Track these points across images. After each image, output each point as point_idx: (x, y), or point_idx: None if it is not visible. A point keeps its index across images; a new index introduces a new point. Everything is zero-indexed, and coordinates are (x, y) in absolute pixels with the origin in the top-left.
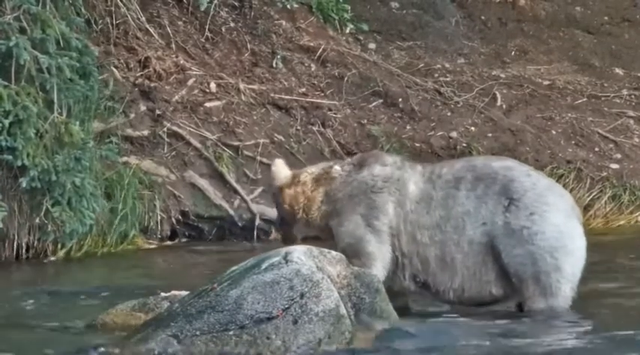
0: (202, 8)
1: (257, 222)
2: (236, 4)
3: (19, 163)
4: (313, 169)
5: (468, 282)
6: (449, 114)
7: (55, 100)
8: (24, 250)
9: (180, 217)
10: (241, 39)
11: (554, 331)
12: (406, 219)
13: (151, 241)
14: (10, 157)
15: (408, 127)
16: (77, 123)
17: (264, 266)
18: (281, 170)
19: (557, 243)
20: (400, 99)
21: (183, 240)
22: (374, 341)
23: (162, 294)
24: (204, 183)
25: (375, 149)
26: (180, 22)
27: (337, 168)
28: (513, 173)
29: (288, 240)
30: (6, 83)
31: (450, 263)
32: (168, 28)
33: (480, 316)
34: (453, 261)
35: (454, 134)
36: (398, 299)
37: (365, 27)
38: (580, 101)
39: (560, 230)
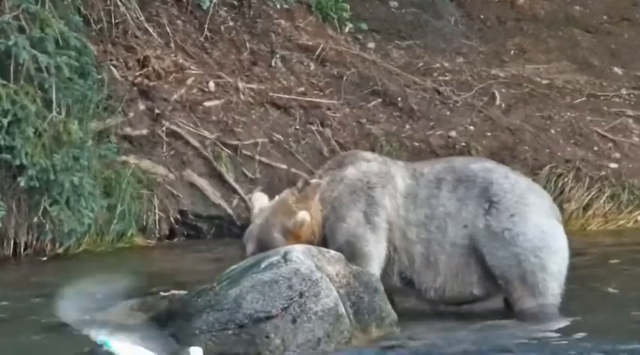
0: (205, 7)
1: None
2: (235, 3)
3: (18, 162)
4: (294, 193)
5: (450, 283)
6: (448, 113)
7: (54, 99)
8: (22, 249)
9: (178, 216)
10: (240, 38)
11: (548, 330)
12: (398, 213)
13: (149, 240)
14: (9, 156)
15: (407, 126)
16: (76, 122)
17: (263, 265)
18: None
19: (540, 242)
20: (399, 99)
21: (182, 239)
22: (373, 341)
23: (161, 293)
24: (202, 183)
25: (374, 148)
26: (179, 22)
27: (314, 180)
28: (492, 175)
29: None
30: (5, 82)
31: (434, 262)
32: (167, 27)
33: (477, 315)
34: (437, 261)
35: (453, 133)
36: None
37: (364, 26)
38: (579, 100)
39: (542, 230)
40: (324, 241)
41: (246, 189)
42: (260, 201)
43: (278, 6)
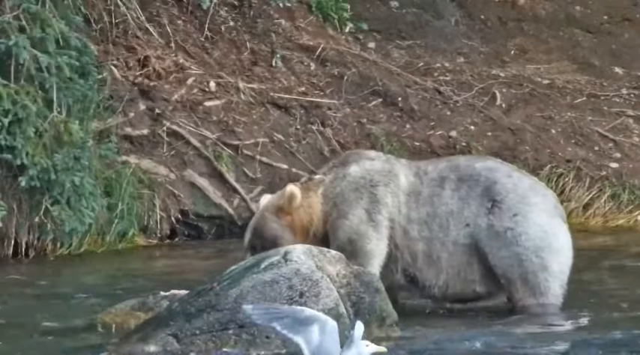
0: (205, 7)
1: None
2: (235, 3)
3: (19, 162)
4: (296, 185)
5: (452, 280)
6: (448, 113)
7: (55, 99)
8: (23, 249)
9: (179, 216)
10: (241, 38)
11: (549, 329)
12: (400, 211)
13: (150, 240)
14: (10, 156)
15: (407, 126)
16: (76, 122)
17: (263, 265)
18: (297, 193)
19: (542, 242)
20: (400, 99)
21: (183, 239)
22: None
23: (162, 293)
24: (203, 182)
25: (374, 148)
26: (179, 21)
27: (317, 177)
28: (495, 174)
29: None
30: (5, 82)
31: (437, 260)
32: (167, 27)
33: (479, 314)
34: (439, 260)
35: (454, 133)
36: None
37: (364, 26)
38: (579, 100)
39: (543, 229)
40: (325, 238)
41: (247, 188)
42: (264, 200)
43: (281, 5)
